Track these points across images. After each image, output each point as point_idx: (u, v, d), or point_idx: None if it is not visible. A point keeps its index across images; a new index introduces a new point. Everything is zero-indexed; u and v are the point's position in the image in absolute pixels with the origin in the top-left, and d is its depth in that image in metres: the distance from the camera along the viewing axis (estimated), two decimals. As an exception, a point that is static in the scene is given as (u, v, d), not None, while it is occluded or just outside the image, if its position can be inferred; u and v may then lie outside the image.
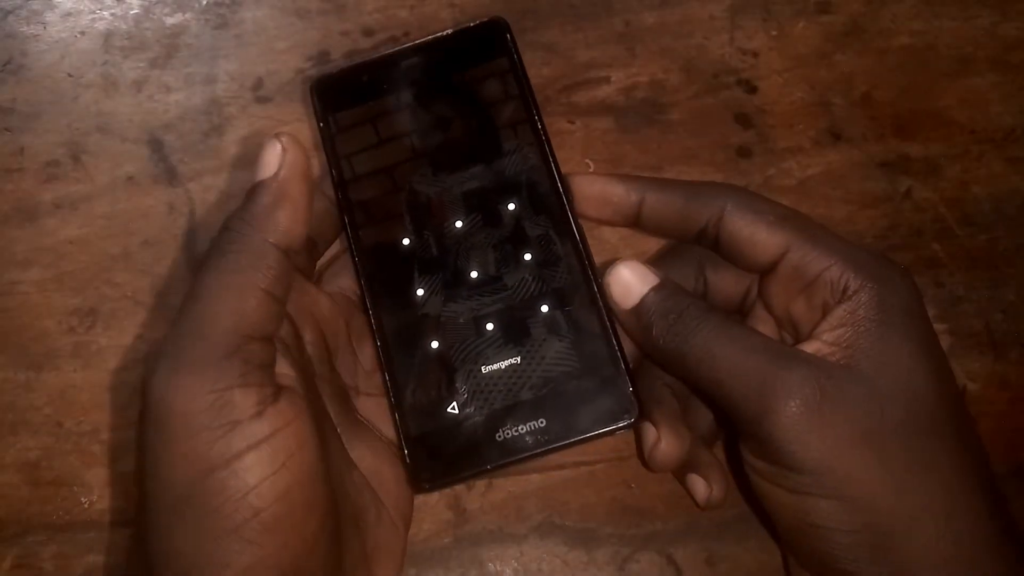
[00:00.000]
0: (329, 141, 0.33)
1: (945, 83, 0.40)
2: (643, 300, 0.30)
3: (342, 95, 0.33)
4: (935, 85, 0.40)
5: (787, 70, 0.39)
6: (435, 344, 0.31)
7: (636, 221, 0.33)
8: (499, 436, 0.30)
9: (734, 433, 0.31)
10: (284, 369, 0.27)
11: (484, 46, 0.34)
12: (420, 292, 0.31)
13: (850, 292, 0.29)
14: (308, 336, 0.30)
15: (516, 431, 0.30)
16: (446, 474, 0.30)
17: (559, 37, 0.39)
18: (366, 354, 0.32)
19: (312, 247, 0.33)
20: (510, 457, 0.30)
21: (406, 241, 0.32)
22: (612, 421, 0.30)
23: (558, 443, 0.30)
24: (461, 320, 0.31)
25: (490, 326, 0.31)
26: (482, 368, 0.31)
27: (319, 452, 0.27)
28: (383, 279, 0.32)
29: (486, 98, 0.33)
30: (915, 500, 0.27)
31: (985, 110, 0.39)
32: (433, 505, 0.35)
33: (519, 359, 0.31)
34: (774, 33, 0.40)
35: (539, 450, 0.30)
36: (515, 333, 0.31)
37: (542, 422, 0.30)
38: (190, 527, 0.24)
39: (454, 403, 0.30)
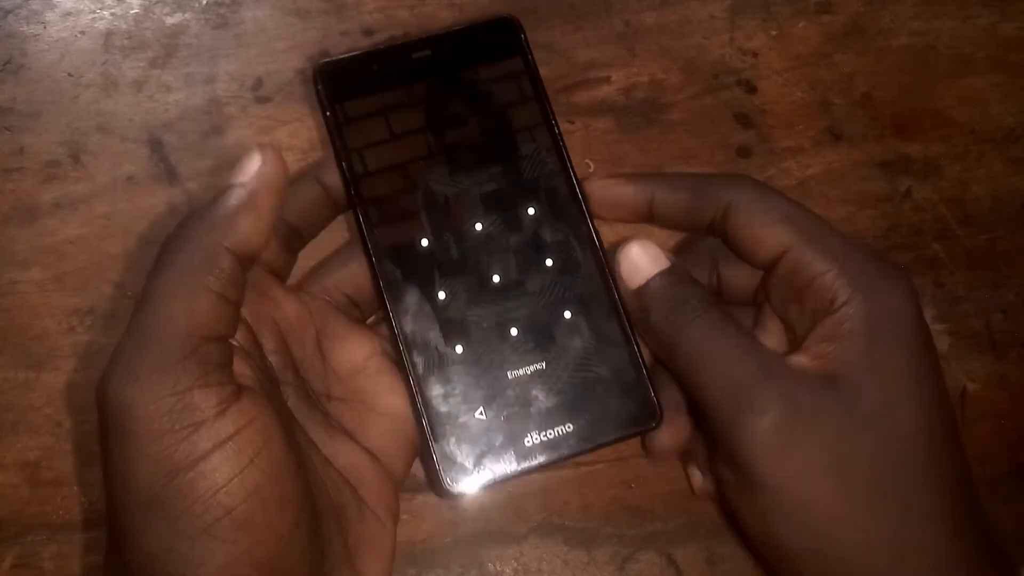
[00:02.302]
0: (336, 132, 0.32)
1: (945, 83, 0.40)
2: (648, 282, 0.30)
3: (349, 83, 0.32)
4: (935, 85, 0.40)
5: (787, 70, 0.39)
6: (459, 349, 0.31)
7: (650, 219, 0.33)
8: (527, 441, 0.30)
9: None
10: (242, 370, 0.27)
11: (497, 44, 0.33)
12: (442, 295, 0.31)
13: (838, 303, 0.29)
14: (268, 344, 0.30)
15: (543, 436, 0.30)
16: (474, 479, 0.30)
17: (559, 37, 0.39)
18: (339, 359, 0.32)
19: (296, 238, 0.32)
20: (539, 461, 0.30)
21: (425, 242, 0.31)
22: (635, 425, 0.31)
23: (584, 447, 0.30)
24: (485, 324, 0.31)
25: (514, 331, 0.31)
26: (508, 373, 0.31)
27: (287, 447, 0.26)
28: (402, 280, 0.31)
29: (502, 97, 0.33)
30: (871, 534, 0.27)
31: (985, 110, 0.39)
32: (433, 505, 0.35)
33: (544, 364, 0.31)
34: (774, 33, 0.40)
35: (565, 454, 0.30)
36: (539, 338, 0.31)
37: (569, 427, 0.30)
38: (162, 529, 0.24)
39: (481, 408, 0.30)
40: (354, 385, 0.32)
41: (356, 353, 0.32)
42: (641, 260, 0.31)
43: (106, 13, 0.39)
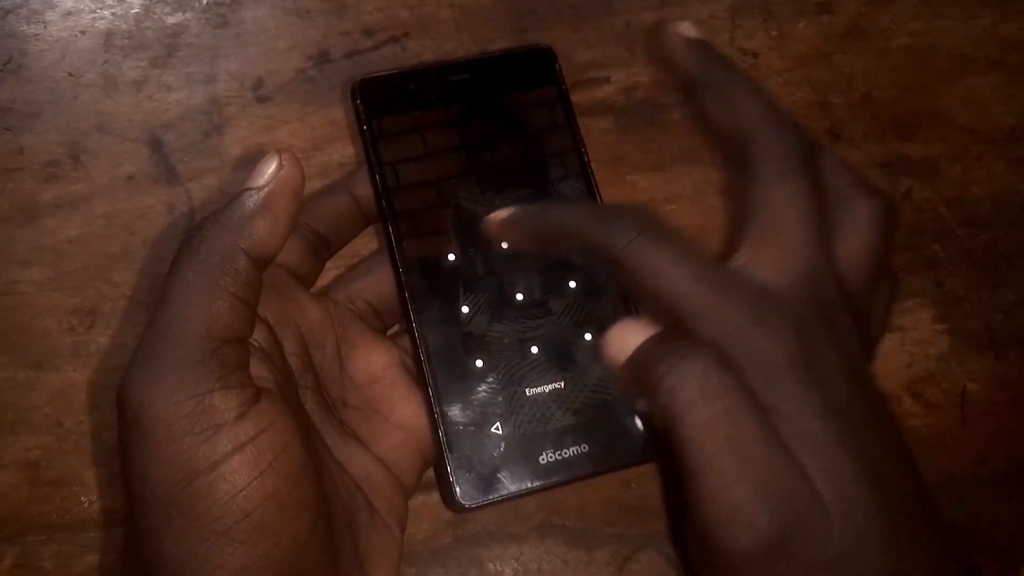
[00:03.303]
0: (372, 146, 0.32)
1: (945, 83, 0.40)
2: (639, 347, 0.28)
3: (386, 100, 0.33)
4: (935, 85, 0.40)
5: (787, 70, 0.39)
6: (480, 363, 0.31)
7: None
8: (542, 459, 0.30)
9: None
10: (260, 372, 0.27)
11: (532, 72, 0.34)
12: (465, 309, 0.31)
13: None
14: (289, 347, 0.30)
15: (559, 455, 0.30)
16: (487, 494, 0.30)
17: (559, 37, 0.39)
18: (356, 366, 0.32)
19: (323, 247, 0.33)
20: (552, 480, 0.30)
21: (451, 257, 0.32)
22: (650, 451, 0.31)
23: (599, 469, 0.30)
24: (506, 341, 0.31)
25: (535, 349, 0.31)
26: (526, 390, 0.31)
27: (304, 451, 0.27)
28: (427, 292, 0.31)
29: (534, 123, 0.34)
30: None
31: (985, 110, 0.39)
32: (433, 505, 0.34)
33: (562, 384, 0.31)
34: (774, 33, 0.40)
35: (579, 475, 0.30)
36: (559, 358, 0.31)
37: (584, 447, 0.30)
38: (180, 532, 0.25)
39: (498, 423, 0.30)
40: (370, 394, 0.32)
41: (374, 362, 0.32)
42: (627, 331, 0.29)
43: (106, 13, 0.39)
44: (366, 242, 0.35)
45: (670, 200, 0.38)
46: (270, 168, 0.28)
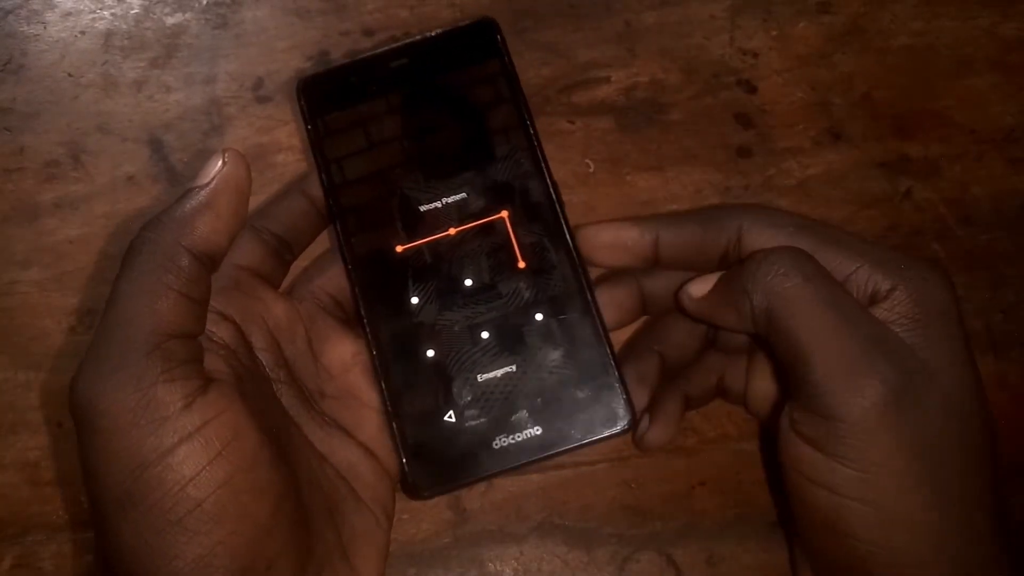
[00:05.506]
0: (317, 144, 0.32)
1: (945, 83, 0.40)
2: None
3: (330, 96, 0.33)
4: (935, 85, 0.40)
5: (787, 70, 0.39)
6: (431, 352, 0.31)
7: (654, 261, 0.33)
8: (496, 444, 0.30)
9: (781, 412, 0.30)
10: (216, 365, 0.28)
11: (475, 47, 0.33)
12: (415, 300, 0.31)
13: (881, 294, 0.28)
14: (258, 343, 0.30)
15: (513, 438, 0.30)
16: (444, 482, 0.30)
17: (559, 37, 0.39)
18: (330, 357, 0.32)
19: (285, 249, 0.33)
20: (508, 464, 0.30)
21: (399, 248, 0.32)
22: (607, 428, 0.30)
23: (554, 450, 0.30)
24: (456, 328, 0.31)
25: (485, 334, 0.31)
26: (478, 376, 0.31)
27: (260, 439, 0.27)
28: (377, 286, 0.31)
29: (478, 101, 0.33)
30: (944, 538, 0.27)
31: (985, 110, 0.39)
32: (433, 505, 0.35)
33: (515, 367, 0.31)
34: (774, 33, 0.40)
35: (536, 457, 0.30)
36: (510, 341, 0.31)
37: (538, 430, 0.30)
38: (134, 524, 0.25)
39: (451, 411, 0.30)
40: (346, 382, 0.32)
41: (344, 351, 0.32)
42: (705, 277, 0.31)
43: (106, 13, 0.39)
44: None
45: (670, 200, 0.38)
46: (215, 167, 0.28)
